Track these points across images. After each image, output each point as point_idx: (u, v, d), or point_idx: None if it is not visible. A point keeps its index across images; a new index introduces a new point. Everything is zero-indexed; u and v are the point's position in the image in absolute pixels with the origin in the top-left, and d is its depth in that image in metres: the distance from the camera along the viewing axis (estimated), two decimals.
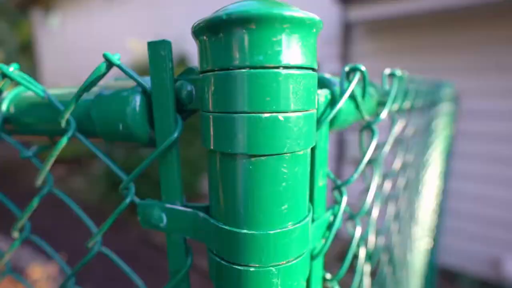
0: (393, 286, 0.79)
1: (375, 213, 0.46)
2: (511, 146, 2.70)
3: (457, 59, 2.87)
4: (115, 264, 0.31)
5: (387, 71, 0.39)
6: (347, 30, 3.38)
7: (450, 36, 2.88)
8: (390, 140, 0.43)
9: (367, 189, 0.42)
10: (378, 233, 0.59)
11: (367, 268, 0.51)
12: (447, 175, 2.00)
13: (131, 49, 5.12)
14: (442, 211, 1.77)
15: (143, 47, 4.79)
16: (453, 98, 1.68)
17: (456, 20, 2.81)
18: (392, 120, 0.46)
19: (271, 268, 0.23)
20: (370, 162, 0.42)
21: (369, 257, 0.50)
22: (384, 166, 0.59)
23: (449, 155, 1.94)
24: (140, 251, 3.54)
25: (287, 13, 0.19)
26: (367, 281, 0.58)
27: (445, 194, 1.90)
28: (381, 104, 0.42)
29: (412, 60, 3.10)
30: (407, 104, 0.53)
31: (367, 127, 0.37)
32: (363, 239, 0.44)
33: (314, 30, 0.22)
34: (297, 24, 0.20)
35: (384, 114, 0.37)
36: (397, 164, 0.57)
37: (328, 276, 0.36)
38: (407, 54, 3.12)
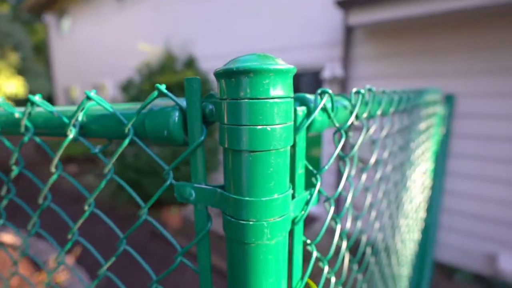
0: (376, 267, 0.91)
1: (349, 198, 0.59)
2: (507, 146, 2.80)
3: (457, 62, 2.96)
4: (157, 228, 0.44)
5: (354, 89, 0.52)
6: (348, 33, 3.50)
7: (449, 39, 2.98)
8: (359, 141, 0.56)
9: (341, 179, 0.55)
10: (356, 217, 0.71)
11: (344, 244, 0.63)
12: (438, 172, 2.11)
13: (142, 52, 5.29)
14: (432, 206, 1.89)
15: (153, 50, 4.97)
16: (441, 102, 1.79)
17: (456, 24, 2.91)
18: (363, 125, 0.59)
19: (263, 222, 0.36)
20: (343, 157, 0.55)
21: (345, 235, 0.63)
22: (362, 162, 0.72)
23: (440, 154, 2.05)
24: (151, 244, 3.74)
25: (272, 66, 0.33)
26: (346, 257, 0.71)
27: (434, 190, 2.01)
28: (352, 113, 0.54)
29: (411, 62, 3.21)
30: (379, 111, 0.66)
31: (338, 131, 0.50)
32: (339, 217, 0.57)
33: (290, 74, 0.35)
34: (278, 72, 0.33)
35: (350, 121, 0.50)
36: (372, 160, 0.70)
37: (308, 241, 0.49)
38: (407, 56, 3.23)
